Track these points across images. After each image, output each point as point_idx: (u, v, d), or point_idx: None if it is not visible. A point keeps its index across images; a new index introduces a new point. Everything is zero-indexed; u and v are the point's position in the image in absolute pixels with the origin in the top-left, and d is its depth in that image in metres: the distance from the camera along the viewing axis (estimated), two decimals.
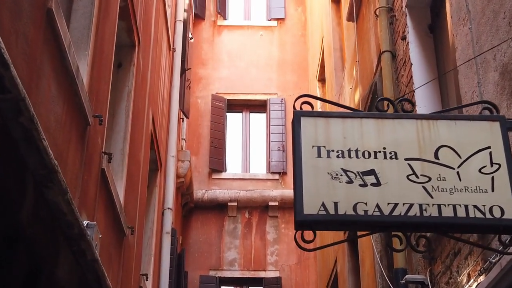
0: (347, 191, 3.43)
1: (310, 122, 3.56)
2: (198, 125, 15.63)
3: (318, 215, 3.36)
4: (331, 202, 3.39)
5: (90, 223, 5.18)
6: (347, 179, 3.47)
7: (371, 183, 3.47)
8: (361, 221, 3.40)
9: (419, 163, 3.56)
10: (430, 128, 3.62)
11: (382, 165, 3.53)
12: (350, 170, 3.50)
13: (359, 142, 3.57)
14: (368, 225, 3.49)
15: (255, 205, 14.95)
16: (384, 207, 3.41)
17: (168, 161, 11.00)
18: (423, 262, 6.17)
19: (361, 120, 3.62)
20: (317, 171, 3.46)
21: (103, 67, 5.99)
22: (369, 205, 3.41)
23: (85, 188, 5.33)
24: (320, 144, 3.54)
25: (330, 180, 3.45)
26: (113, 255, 6.62)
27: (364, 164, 3.52)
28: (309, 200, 3.37)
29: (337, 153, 3.52)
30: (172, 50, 11.69)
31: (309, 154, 3.50)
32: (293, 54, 16.56)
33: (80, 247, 4.70)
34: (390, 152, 3.56)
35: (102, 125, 5.93)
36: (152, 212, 9.94)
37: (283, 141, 15.45)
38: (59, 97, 4.51)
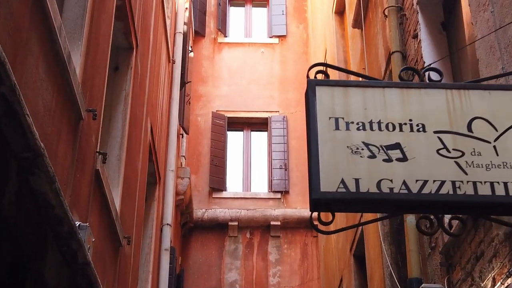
0: (369, 167, 3.05)
1: (327, 92, 3.20)
2: (198, 143, 15.25)
3: (337, 192, 2.97)
4: (352, 179, 3.00)
5: (82, 224, 4.79)
6: (369, 154, 3.09)
7: (396, 158, 3.09)
8: (386, 200, 3.02)
9: (450, 136, 3.18)
10: (462, 99, 3.25)
11: (408, 138, 3.16)
12: (372, 143, 3.12)
13: (382, 114, 3.19)
14: (394, 205, 3.10)
15: (256, 224, 14.51)
16: (412, 185, 3.03)
17: (167, 176, 10.61)
18: (440, 270, 5.76)
19: (383, 89, 3.25)
20: (335, 145, 3.09)
21: (98, 62, 5.64)
22: (394, 182, 3.02)
23: (77, 187, 4.94)
24: (338, 115, 3.16)
25: (350, 155, 3.07)
26: (108, 264, 6.21)
27: (388, 137, 3.14)
28: (327, 176, 2.99)
29: (357, 125, 3.15)
30: (172, 62, 11.36)
31: (326, 126, 3.13)
32: (295, 71, 16.24)
33: (70, 248, 4.31)
34: (417, 125, 3.19)
35: (97, 122, 5.56)
36: (150, 228, 9.53)
37: (285, 159, 15.07)
38: (48, 82, 4.15)
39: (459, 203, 3.09)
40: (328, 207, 3.03)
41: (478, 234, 4.90)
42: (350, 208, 3.18)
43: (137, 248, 8.02)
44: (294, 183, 14.90)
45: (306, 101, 3.26)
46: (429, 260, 6.04)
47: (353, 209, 3.23)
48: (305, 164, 12.30)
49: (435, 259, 5.91)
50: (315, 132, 3.12)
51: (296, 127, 15.51)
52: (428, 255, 6.07)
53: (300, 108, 15.68)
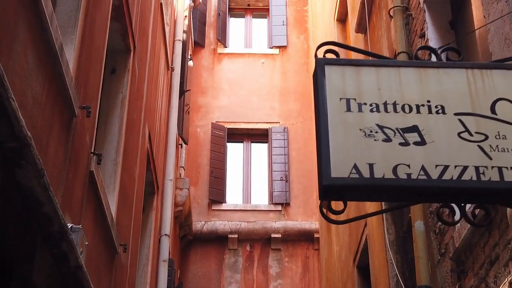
0: (384, 151, 2.80)
1: (337, 72, 2.95)
2: (197, 155, 14.99)
3: (349, 178, 2.72)
4: (365, 164, 2.75)
5: (75, 226, 4.53)
6: (384, 137, 2.84)
7: (414, 142, 2.84)
8: (404, 187, 2.76)
9: (472, 118, 2.93)
10: (484, 79, 3.01)
11: (426, 120, 2.91)
12: (388, 126, 2.87)
13: (397, 94, 2.95)
14: (412, 192, 2.84)
15: (257, 237, 14.22)
16: (431, 170, 2.78)
17: (165, 185, 10.35)
18: (451, 277, 5.49)
19: (398, 69, 3.01)
20: (347, 128, 2.84)
21: (93, 59, 5.40)
22: (412, 167, 2.77)
23: (70, 188, 4.69)
24: (350, 96, 2.92)
25: (363, 138, 2.83)
26: (103, 272, 5.94)
27: (404, 119, 2.90)
28: (338, 161, 2.74)
29: (371, 107, 2.90)
30: (171, 69, 11.14)
31: (336, 107, 2.88)
32: (295, 82, 16.02)
33: (61, 249, 4.04)
34: (436, 106, 2.95)
35: (91, 121, 5.32)
36: (147, 238, 9.26)
37: (286, 170, 14.81)
38: (39, 73, 3.91)
39: (484, 190, 2.84)
40: (339, 195, 2.77)
41: (493, 236, 4.64)
42: (363, 195, 2.92)
43: (134, 258, 7.75)
44: (295, 195, 14.64)
45: (314, 82, 3.02)
46: (439, 267, 5.77)
47: (367, 197, 2.97)
48: (307, 176, 12.09)
49: (445, 266, 5.64)
50: (325, 114, 2.87)
51: (297, 138, 15.27)
52: (438, 262, 5.80)
53: (301, 119, 15.46)
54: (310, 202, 14.53)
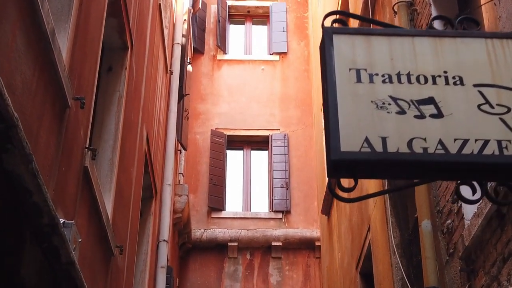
0: (398, 124, 2.60)
1: (346, 41, 2.75)
2: (196, 162, 14.78)
3: (360, 153, 2.52)
4: (378, 137, 2.55)
5: (67, 222, 4.32)
6: (397, 109, 2.64)
7: (430, 114, 2.64)
8: (420, 161, 2.56)
9: (493, 90, 2.73)
10: (505, 49, 2.81)
11: (443, 92, 2.71)
12: (401, 98, 2.67)
13: (412, 65, 2.75)
14: (429, 167, 2.63)
15: (257, 245, 13.98)
16: (449, 144, 2.57)
17: (164, 190, 10.13)
18: (460, 278, 5.27)
19: (412, 38, 2.81)
20: (357, 99, 2.64)
21: (88, 50, 5.21)
22: (429, 141, 2.57)
23: (62, 182, 4.48)
24: (360, 66, 2.72)
25: (375, 110, 2.62)
26: (98, 274, 5.72)
27: (420, 90, 2.69)
28: (348, 134, 2.53)
29: (383, 78, 2.70)
30: (170, 73, 10.95)
31: (346, 78, 2.68)
32: (296, 89, 15.83)
33: (51, 244, 3.83)
34: (454, 77, 2.74)
35: (86, 115, 5.12)
36: (145, 243, 9.03)
37: (287, 178, 14.59)
38: (28, 56, 3.71)
39: (507, 166, 2.63)
40: (349, 171, 2.56)
41: (505, 232, 4.42)
42: (376, 171, 2.70)
43: (131, 262, 7.52)
44: (295, 202, 14.42)
45: (321, 52, 2.82)
46: (447, 268, 5.55)
47: (380, 173, 2.74)
48: (307, 183, 11.87)
49: (454, 266, 5.42)
50: (333, 85, 2.67)
51: (298, 146, 15.06)
52: (446, 262, 5.58)
53: (301, 126, 15.27)
54: (311, 209, 14.31)
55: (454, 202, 5.39)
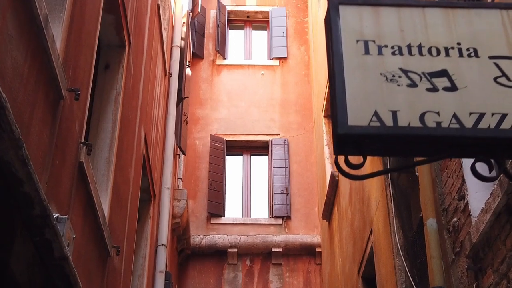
0: (409, 97, 2.44)
1: (353, 12, 2.60)
2: (195, 168, 14.61)
3: (369, 127, 2.36)
4: (388, 111, 2.40)
5: (61, 216, 4.16)
6: (408, 82, 2.49)
7: (443, 87, 2.49)
8: (433, 136, 2.40)
9: (510, 62, 2.58)
10: None
11: (457, 64, 2.56)
12: (413, 70, 2.52)
13: (423, 36, 2.60)
14: (443, 142, 2.47)
15: (257, 251, 13.80)
16: (464, 118, 2.42)
17: (162, 193, 9.97)
18: (467, 277, 5.10)
19: (423, 9, 2.66)
20: (366, 72, 2.48)
21: (83, 43, 5.06)
22: (442, 115, 2.42)
23: (56, 175, 4.32)
24: (368, 38, 2.57)
25: (384, 83, 2.47)
26: (94, 275, 5.56)
27: (432, 63, 2.54)
28: (356, 107, 2.38)
29: (393, 49, 2.55)
30: (168, 75, 10.81)
31: (353, 50, 2.53)
32: (296, 94, 15.68)
33: (43, 237, 3.67)
34: (468, 49, 2.60)
35: (81, 109, 4.97)
36: (143, 247, 8.86)
37: (287, 183, 14.42)
38: (20, 41, 3.57)
39: None
40: (357, 147, 2.41)
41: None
42: (385, 147, 2.53)
43: (128, 264, 7.35)
44: (296, 208, 14.25)
45: (326, 24, 2.66)
46: (453, 267, 5.38)
47: (389, 149, 2.57)
48: (308, 189, 11.71)
49: (460, 265, 5.25)
50: (339, 57, 2.51)
51: (298, 151, 14.91)
52: (452, 262, 5.41)
53: (302, 131, 15.12)
54: (311, 215, 14.14)
55: (460, 199, 5.23)
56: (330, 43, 2.57)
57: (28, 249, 3.64)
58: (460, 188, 5.23)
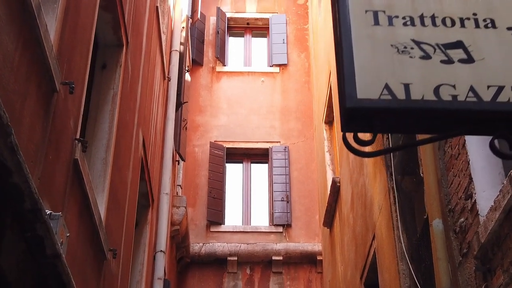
0: (423, 70, 2.29)
1: None
2: (195, 175, 14.44)
3: (380, 100, 2.20)
4: (399, 84, 2.24)
5: (54, 213, 4.00)
6: (421, 54, 2.33)
7: (459, 60, 2.33)
8: (449, 110, 2.24)
9: None
10: None
11: (473, 35, 2.40)
12: (426, 42, 2.36)
13: (436, 6, 2.44)
14: (459, 116, 2.31)
15: (257, 260, 13.61)
16: (482, 91, 2.26)
17: (161, 199, 9.80)
18: (475, 279, 4.93)
19: None
20: (375, 43, 2.33)
21: (79, 35, 4.91)
22: (459, 88, 2.26)
23: (49, 172, 4.16)
24: (377, 8, 2.41)
25: (395, 55, 2.31)
26: (89, 276, 5.38)
27: (446, 34, 2.39)
28: (365, 80, 2.22)
29: (404, 20, 2.39)
30: (167, 79, 10.67)
31: (362, 21, 2.37)
32: (296, 101, 15.54)
33: (35, 233, 3.50)
34: (485, 20, 2.44)
35: (76, 105, 4.81)
36: (141, 253, 8.68)
37: (287, 191, 14.25)
38: (10, 27, 3.42)
39: None
40: (367, 123, 2.24)
41: None
42: (397, 123, 2.36)
43: (125, 269, 7.17)
44: (296, 216, 14.07)
45: None
46: (460, 269, 5.21)
47: (401, 125, 2.39)
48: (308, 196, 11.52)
49: (467, 267, 5.08)
50: (347, 28, 2.36)
51: (299, 158, 14.75)
52: (459, 264, 5.24)
53: (302, 138, 14.97)
54: (312, 223, 13.97)
55: (468, 198, 5.07)
56: (337, 14, 2.42)
57: (18, 245, 3.48)
58: (467, 187, 5.07)
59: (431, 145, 5.76)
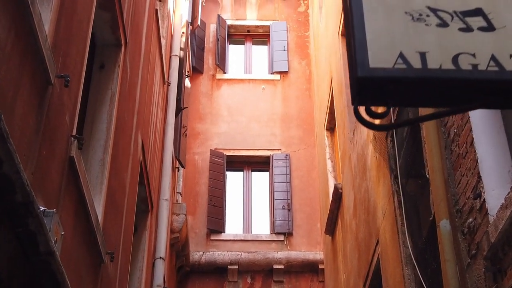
0: (440, 38, 2.13)
1: None
2: (195, 183, 14.28)
3: (394, 69, 2.05)
4: (415, 52, 2.08)
5: (48, 210, 3.84)
6: (438, 21, 2.17)
7: (478, 27, 2.18)
8: (469, 80, 2.09)
9: None
10: None
11: (493, 2, 2.24)
12: (442, 9, 2.20)
13: None
14: (479, 86, 2.15)
15: (258, 268, 13.41)
16: (504, 60, 2.10)
17: (160, 205, 9.63)
18: (485, 281, 4.76)
19: None
20: (388, 10, 2.17)
21: (74, 29, 4.77)
22: (479, 57, 2.10)
23: (43, 167, 4.01)
24: None
25: (410, 22, 2.15)
26: (85, 279, 5.21)
27: (464, 1, 2.24)
28: (378, 48, 2.06)
29: None
30: (167, 84, 10.52)
31: None
32: (297, 108, 15.39)
33: (27, 228, 3.34)
34: None
35: (72, 100, 4.66)
36: (140, 259, 8.51)
37: (288, 199, 14.08)
38: (2, 15, 3.27)
39: None
40: (379, 94, 2.08)
41: None
42: (412, 95, 2.19)
43: (124, 273, 7.00)
44: (298, 224, 13.89)
45: None
46: (469, 271, 5.04)
47: (417, 96, 2.22)
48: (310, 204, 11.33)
49: (476, 268, 4.91)
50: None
51: (300, 166, 14.59)
52: (467, 265, 5.07)
53: (303, 146, 14.82)
54: (314, 231, 13.79)
55: (476, 197, 4.91)
56: None
57: (9, 241, 3.32)
58: (476, 186, 4.91)
59: (437, 145, 5.61)
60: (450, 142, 5.49)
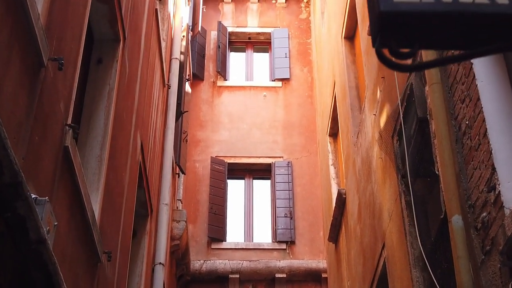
0: None
1: None
2: (196, 191, 14.04)
3: (422, 3, 1.83)
4: None
5: (40, 198, 3.61)
6: None
7: None
8: (505, 15, 1.86)
9: None
10: None
11: None
12: None
13: None
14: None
15: (259, 277, 13.15)
16: None
17: (160, 209, 9.39)
18: (500, 277, 4.52)
19: None
20: None
21: (69, 13, 4.56)
22: None
23: (35, 153, 3.78)
24: None
25: None
26: (81, 279, 4.97)
27: None
28: None
29: None
30: (167, 87, 10.32)
31: None
32: (299, 115, 15.18)
33: (16, 212, 3.11)
34: None
35: (67, 87, 4.44)
36: (139, 264, 8.26)
37: (291, 207, 13.84)
38: None
39: None
40: (405, 33, 1.84)
41: None
42: (441, 35, 1.95)
43: (122, 275, 6.75)
44: (300, 232, 13.64)
45: None
46: (483, 268, 4.80)
47: (447, 35, 1.97)
48: (312, 212, 11.06)
49: (491, 265, 4.67)
50: None
51: (302, 174, 14.35)
52: (481, 262, 4.83)
53: (305, 153, 14.60)
54: (316, 239, 13.54)
55: (490, 190, 4.68)
56: None
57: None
58: (490, 178, 4.68)
59: (447, 138, 5.39)
60: (461, 135, 5.27)
